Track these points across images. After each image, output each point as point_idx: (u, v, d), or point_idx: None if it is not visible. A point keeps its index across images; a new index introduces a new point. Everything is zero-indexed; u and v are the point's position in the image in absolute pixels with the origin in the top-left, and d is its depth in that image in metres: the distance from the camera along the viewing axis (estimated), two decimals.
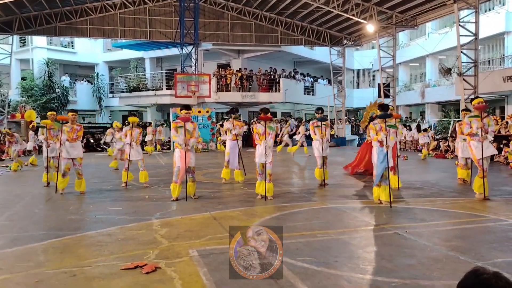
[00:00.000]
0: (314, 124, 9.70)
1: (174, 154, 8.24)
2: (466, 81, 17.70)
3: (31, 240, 5.29)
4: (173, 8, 25.56)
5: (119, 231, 5.73)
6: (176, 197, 7.96)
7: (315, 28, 26.91)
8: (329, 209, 7.24)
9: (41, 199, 8.54)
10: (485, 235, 5.48)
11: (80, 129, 9.07)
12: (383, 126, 7.27)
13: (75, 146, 8.89)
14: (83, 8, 23.99)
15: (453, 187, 9.51)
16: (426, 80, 30.90)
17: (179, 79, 24.52)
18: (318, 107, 10.04)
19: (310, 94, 30.84)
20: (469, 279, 1.66)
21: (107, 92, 33.57)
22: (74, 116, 9.09)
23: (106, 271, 4.15)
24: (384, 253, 4.74)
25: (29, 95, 28.81)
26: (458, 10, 17.65)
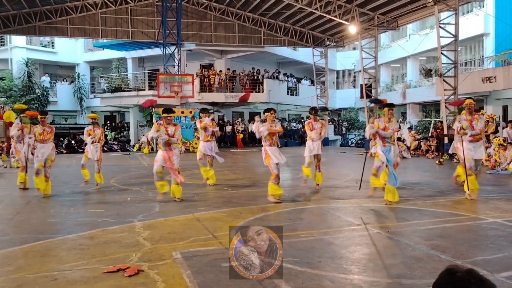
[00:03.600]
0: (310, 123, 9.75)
1: (156, 156, 8.19)
2: (446, 82, 17.97)
3: (11, 243, 5.19)
4: (156, 8, 25.38)
5: (101, 233, 5.67)
6: (164, 192, 7.95)
7: (298, 29, 27.02)
8: (313, 209, 7.27)
9: (21, 201, 8.39)
10: (465, 233, 5.58)
11: (51, 131, 9.01)
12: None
13: (46, 146, 8.82)
14: (63, 7, 23.64)
15: (434, 186, 9.65)
16: (407, 81, 31.27)
17: (162, 79, 24.35)
18: (313, 107, 10.22)
19: (293, 94, 30.96)
20: (443, 278, 1.67)
21: (88, 93, 33.13)
22: (43, 119, 9.01)
23: (88, 274, 4.10)
24: (367, 252, 4.79)
25: (8, 95, 28.24)
26: (438, 12, 17.93)
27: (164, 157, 7.89)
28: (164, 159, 7.88)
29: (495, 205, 7.38)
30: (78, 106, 33.13)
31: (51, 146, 8.94)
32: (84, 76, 34.19)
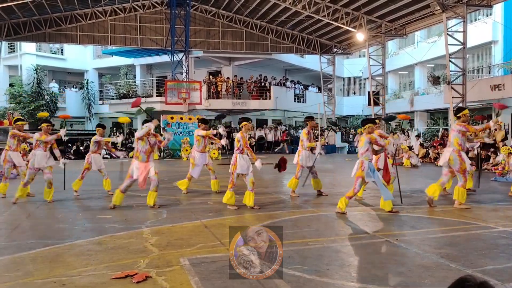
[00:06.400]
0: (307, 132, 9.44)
1: (131, 166, 8.02)
2: (455, 89, 17.90)
3: (19, 249, 5.20)
4: (164, 16, 25.58)
5: (109, 239, 5.68)
6: (114, 205, 7.95)
7: (305, 37, 27.09)
8: (320, 216, 7.24)
9: (29, 207, 8.43)
10: (475, 242, 5.52)
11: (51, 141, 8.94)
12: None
13: (44, 154, 8.78)
14: (73, 14, 23.90)
15: (443, 194, 9.56)
16: (415, 88, 31.18)
17: (170, 86, 24.47)
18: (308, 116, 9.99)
19: (300, 101, 30.98)
20: None
21: (97, 99, 33.37)
22: (48, 128, 8.97)
23: (96, 280, 4.10)
24: (375, 261, 4.75)
25: (18, 101, 28.52)
26: (447, 19, 17.90)
27: (140, 167, 7.87)
28: (140, 169, 7.86)
29: (505, 214, 7.31)
30: (86, 112, 33.34)
31: (48, 155, 8.93)
32: (93, 83, 34.46)
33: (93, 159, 9.78)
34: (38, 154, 8.70)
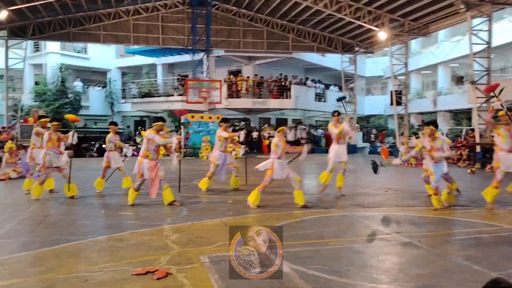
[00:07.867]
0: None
1: (141, 165, 8.07)
2: (479, 89, 17.53)
3: (42, 244, 5.30)
4: (186, 15, 25.72)
5: (131, 236, 5.74)
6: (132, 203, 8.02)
7: (326, 35, 26.89)
8: (341, 217, 7.19)
9: (52, 203, 8.58)
10: (499, 245, 5.40)
11: (63, 138, 9.06)
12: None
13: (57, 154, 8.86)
14: (96, 14, 24.24)
15: (467, 196, 9.40)
16: (438, 88, 30.71)
17: (191, 85, 24.62)
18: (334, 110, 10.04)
19: (321, 101, 30.80)
20: None
21: (119, 98, 33.84)
22: (57, 126, 9.03)
23: (118, 276, 4.15)
24: (397, 262, 4.69)
25: (42, 100, 29.13)
26: (471, 18, 17.53)
27: (150, 167, 7.94)
28: (151, 168, 7.93)
29: None
30: (109, 110, 33.85)
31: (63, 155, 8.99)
32: (116, 82, 34.97)
33: (112, 156, 9.89)
34: (53, 154, 8.73)
